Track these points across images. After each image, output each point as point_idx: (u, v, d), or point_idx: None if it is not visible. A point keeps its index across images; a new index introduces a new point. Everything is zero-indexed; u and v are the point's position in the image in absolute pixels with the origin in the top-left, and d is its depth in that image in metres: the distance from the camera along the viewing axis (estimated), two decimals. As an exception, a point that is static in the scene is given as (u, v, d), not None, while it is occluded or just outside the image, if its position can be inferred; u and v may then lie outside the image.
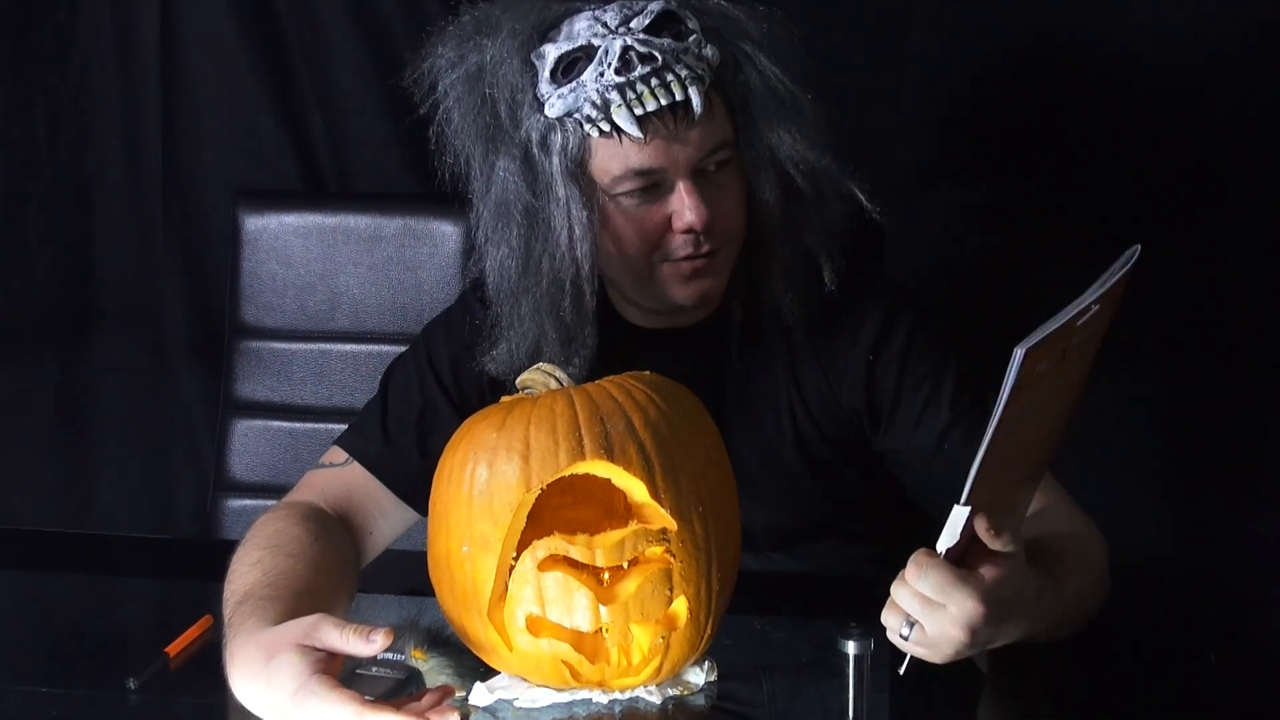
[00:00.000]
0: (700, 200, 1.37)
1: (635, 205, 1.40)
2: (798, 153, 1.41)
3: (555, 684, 1.24)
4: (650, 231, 1.40)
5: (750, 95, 1.40)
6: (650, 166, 1.37)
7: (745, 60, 1.39)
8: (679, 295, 1.44)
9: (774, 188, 1.42)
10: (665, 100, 1.34)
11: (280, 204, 2.11)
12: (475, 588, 1.22)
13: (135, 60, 2.25)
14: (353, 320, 2.08)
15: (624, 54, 1.35)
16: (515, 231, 1.40)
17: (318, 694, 1.11)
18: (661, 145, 1.36)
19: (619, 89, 1.34)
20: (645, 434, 1.22)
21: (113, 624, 1.49)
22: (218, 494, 2.10)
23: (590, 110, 1.35)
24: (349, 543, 1.43)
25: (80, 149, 2.28)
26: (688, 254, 1.40)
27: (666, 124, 1.35)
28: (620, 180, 1.38)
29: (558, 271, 1.39)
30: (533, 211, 1.39)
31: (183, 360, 2.32)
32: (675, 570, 1.21)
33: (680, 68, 1.35)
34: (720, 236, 1.41)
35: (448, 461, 1.27)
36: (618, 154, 1.37)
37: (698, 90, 1.35)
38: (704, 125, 1.37)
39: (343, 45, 2.19)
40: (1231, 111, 1.97)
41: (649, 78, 1.34)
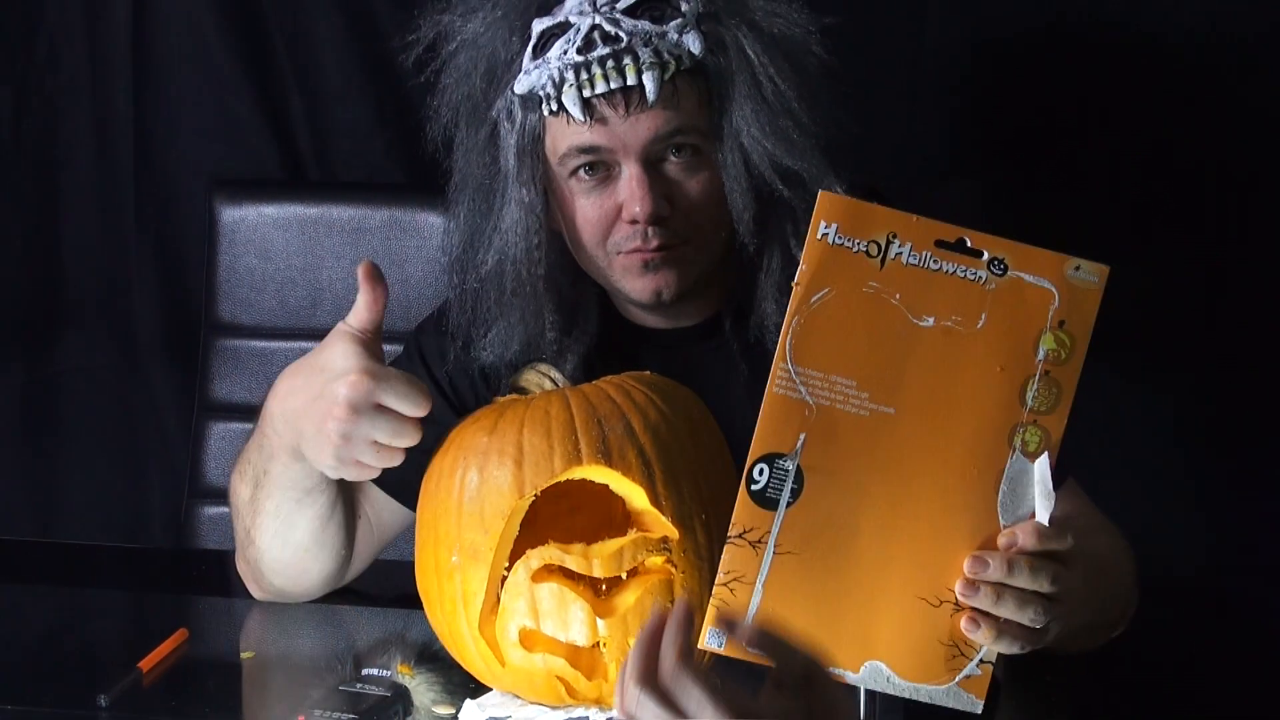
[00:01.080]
0: (648, 190, 1.39)
1: (587, 189, 1.42)
2: (776, 157, 1.40)
3: (550, 701, 1.25)
4: (601, 219, 1.42)
5: (731, 91, 1.40)
6: (592, 144, 1.39)
7: (737, 51, 1.40)
8: (633, 290, 1.45)
9: (747, 189, 1.41)
10: (616, 84, 1.36)
11: (259, 194, 2.11)
12: (465, 600, 1.23)
13: (105, 42, 2.25)
14: (335, 317, 2.02)
15: (589, 33, 1.37)
16: (466, 205, 1.46)
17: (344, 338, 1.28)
18: (607, 127, 1.38)
19: (575, 68, 1.37)
20: (645, 437, 1.23)
21: (82, 638, 1.49)
22: (193, 501, 2.10)
23: (550, 89, 1.38)
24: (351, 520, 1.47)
25: (47, 136, 2.28)
26: (635, 246, 1.41)
27: (615, 108, 1.37)
28: (566, 159, 1.41)
29: (501, 249, 1.43)
30: (488, 185, 1.44)
31: (155, 359, 2.32)
32: (677, 581, 1.21)
33: (645, 51, 1.36)
34: (676, 232, 1.42)
35: (436, 466, 1.28)
36: (565, 132, 1.40)
37: (653, 76, 1.36)
38: (658, 112, 1.38)
39: (325, 26, 2.19)
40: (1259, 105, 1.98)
41: (606, 59, 1.36)
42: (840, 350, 1.08)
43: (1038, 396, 1.09)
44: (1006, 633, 1.10)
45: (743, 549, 1.09)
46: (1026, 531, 1.09)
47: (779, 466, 1.08)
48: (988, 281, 1.08)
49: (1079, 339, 1.09)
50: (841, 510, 1.09)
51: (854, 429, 1.08)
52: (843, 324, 1.08)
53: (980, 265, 1.08)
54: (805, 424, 1.08)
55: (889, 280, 1.08)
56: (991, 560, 1.09)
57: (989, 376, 1.09)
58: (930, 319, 1.08)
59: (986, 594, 1.09)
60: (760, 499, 1.08)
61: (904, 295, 1.08)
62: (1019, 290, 1.08)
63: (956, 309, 1.08)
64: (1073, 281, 1.09)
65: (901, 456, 1.09)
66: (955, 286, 1.08)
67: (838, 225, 1.07)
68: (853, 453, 1.09)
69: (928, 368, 1.08)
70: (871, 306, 1.08)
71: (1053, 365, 1.09)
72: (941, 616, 1.10)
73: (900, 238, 1.08)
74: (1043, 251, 1.09)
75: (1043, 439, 1.09)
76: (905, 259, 1.08)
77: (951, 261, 1.08)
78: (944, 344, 1.08)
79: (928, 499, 1.09)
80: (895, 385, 1.08)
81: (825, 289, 1.08)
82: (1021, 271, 1.09)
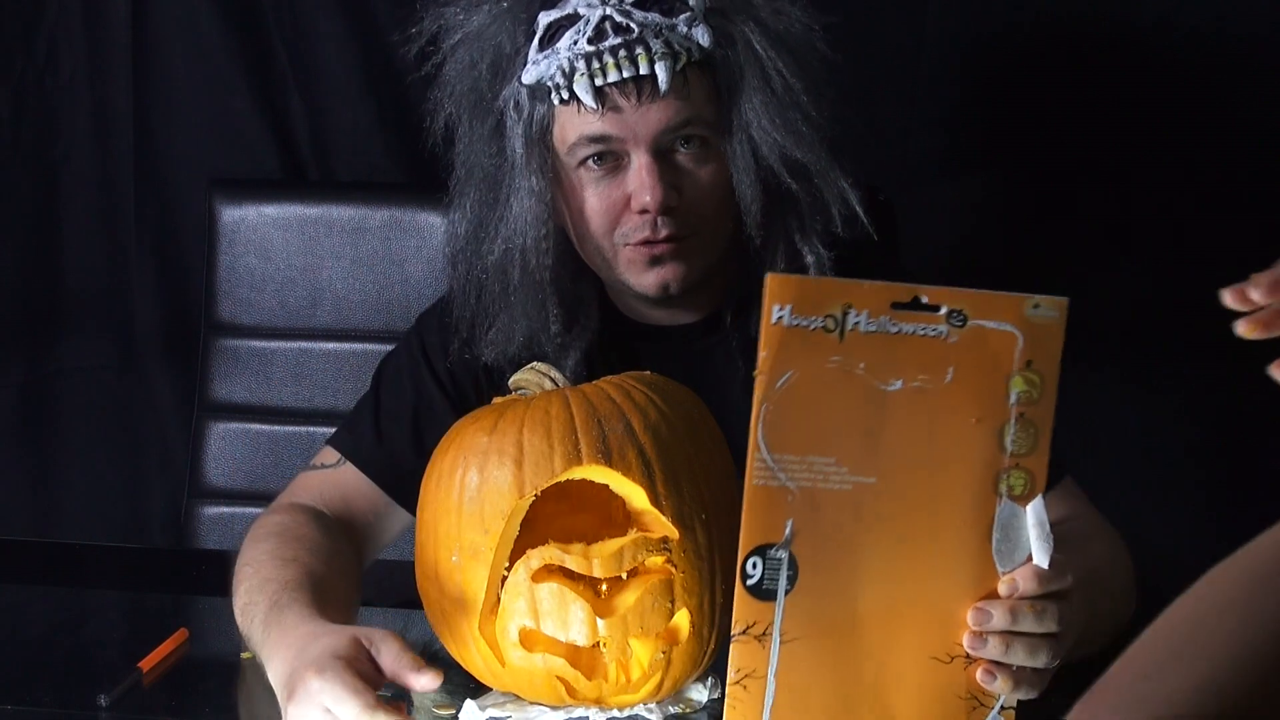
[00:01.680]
0: (658, 180, 1.39)
1: (595, 179, 1.42)
2: (786, 149, 1.41)
3: (550, 701, 1.25)
4: (609, 208, 1.42)
5: (740, 83, 1.41)
6: (603, 133, 1.39)
7: (745, 46, 1.40)
8: (639, 283, 1.45)
9: (755, 181, 1.42)
10: (628, 73, 1.37)
11: (259, 193, 2.11)
12: (465, 600, 1.23)
13: (105, 39, 2.25)
14: (335, 317, 2.08)
15: (600, 24, 1.38)
16: (472, 195, 1.45)
17: (338, 672, 1.10)
18: (619, 116, 1.38)
19: (586, 58, 1.37)
20: (645, 437, 1.23)
21: (82, 638, 1.49)
22: (192, 501, 2.11)
23: (560, 78, 1.38)
24: (353, 549, 1.45)
25: (46, 134, 2.29)
26: (644, 238, 1.42)
27: (627, 97, 1.38)
28: (575, 148, 1.41)
29: (508, 239, 1.43)
30: (495, 175, 1.44)
31: (155, 359, 2.32)
32: (677, 581, 1.22)
33: (656, 42, 1.37)
34: (685, 223, 1.42)
35: (436, 466, 1.28)
36: (575, 121, 1.40)
37: (665, 66, 1.37)
38: (670, 102, 1.38)
39: (325, 24, 2.20)
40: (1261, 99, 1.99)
41: (618, 49, 1.37)
42: (813, 430, 1.07)
43: (1016, 440, 1.08)
44: (1023, 680, 1.10)
45: (749, 644, 1.08)
46: (1026, 576, 1.09)
47: (771, 557, 1.07)
48: (949, 335, 1.06)
49: (1048, 376, 1.08)
50: (840, 587, 1.08)
51: (839, 505, 1.07)
52: (811, 404, 1.06)
53: (939, 320, 1.06)
54: (790, 510, 1.07)
55: (851, 351, 1.06)
56: (994, 610, 1.09)
57: (965, 429, 1.07)
58: (898, 382, 1.07)
59: (995, 644, 1.09)
60: (758, 592, 1.07)
61: (868, 364, 1.06)
62: (982, 338, 1.06)
63: (922, 368, 1.06)
64: (1033, 320, 1.07)
65: (891, 523, 1.08)
66: (918, 345, 1.06)
67: (791, 306, 1.05)
68: (842, 529, 1.08)
69: (902, 431, 1.07)
70: (837, 381, 1.06)
71: (1026, 406, 1.07)
72: (956, 671, 1.10)
73: (856, 306, 1.05)
74: (999, 295, 1.07)
75: (1028, 481, 1.08)
76: (863, 327, 1.06)
77: (910, 321, 1.06)
78: (915, 404, 1.07)
79: (923, 559, 1.09)
80: (873, 454, 1.07)
81: (789, 372, 1.06)
82: (981, 319, 1.06)
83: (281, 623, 1.22)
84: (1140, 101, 2.01)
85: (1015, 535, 1.09)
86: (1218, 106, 2.00)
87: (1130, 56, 2.00)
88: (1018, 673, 1.10)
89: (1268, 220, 2.02)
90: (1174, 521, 2.03)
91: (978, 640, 1.09)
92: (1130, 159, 2.03)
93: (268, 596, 1.27)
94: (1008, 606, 1.08)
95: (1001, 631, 1.09)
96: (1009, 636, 1.09)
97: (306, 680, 1.10)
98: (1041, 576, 1.09)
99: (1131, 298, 2.05)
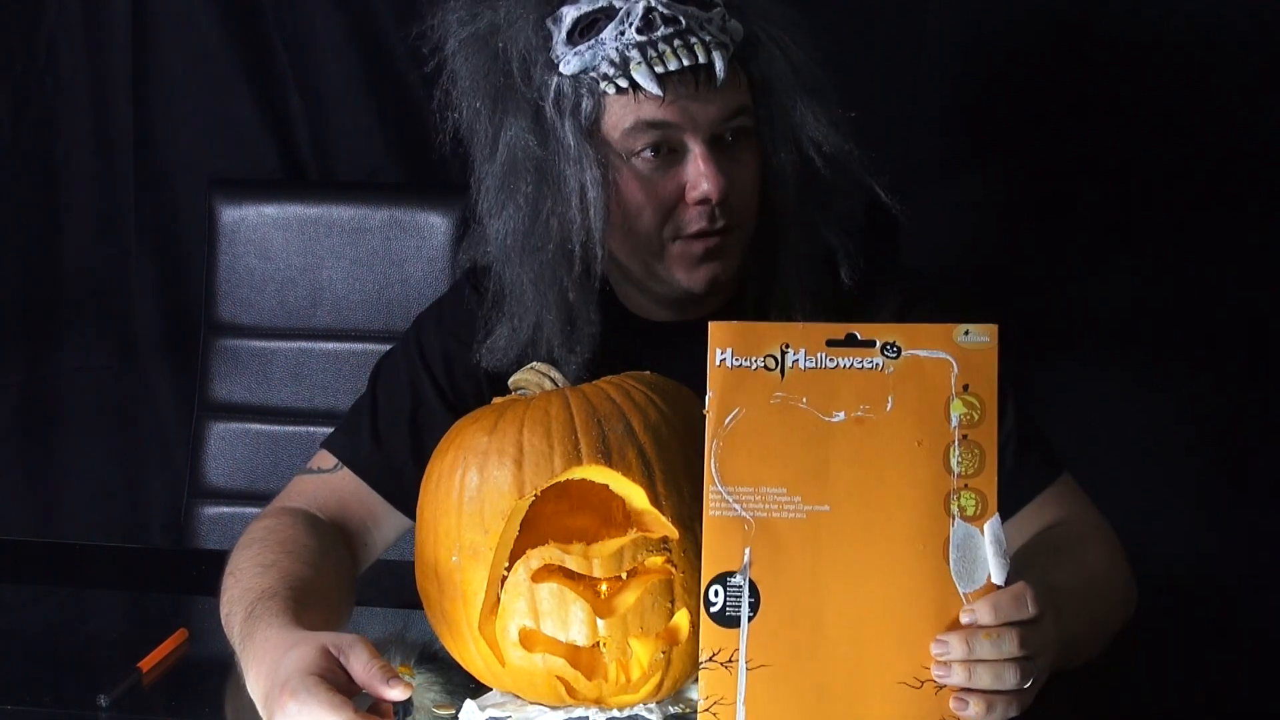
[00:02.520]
0: (717, 169, 1.39)
1: (649, 169, 1.40)
2: (820, 134, 1.42)
3: (550, 701, 1.25)
4: (664, 199, 1.41)
5: (773, 73, 1.42)
6: (664, 119, 1.38)
7: (769, 40, 1.42)
8: (687, 280, 1.44)
9: (792, 169, 1.43)
10: (688, 61, 1.37)
11: (258, 193, 2.12)
12: (465, 600, 1.23)
13: (105, 39, 2.26)
14: (335, 317, 2.09)
15: (647, 14, 1.37)
16: (524, 189, 1.42)
17: (312, 691, 1.10)
18: (679, 104, 1.38)
19: (639, 47, 1.36)
20: (645, 437, 1.23)
21: (82, 638, 1.50)
22: (192, 501, 2.11)
23: (608, 68, 1.37)
24: (348, 554, 1.45)
25: (47, 134, 2.29)
26: (700, 228, 1.41)
27: (687, 85, 1.37)
28: (632, 134, 1.39)
29: (566, 234, 1.40)
30: (544, 168, 1.40)
31: (155, 359, 2.33)
32: (677, 581, 1.22)
33: (704, 33, 1.38)
34: (734, 213, 1.42)
35: (436, 466, 1.28)
36: (631, 107, 1.38)
37: (721, 55, 1.37)
38: (725, 91, 1.39)
39: (324, 24, 2.20)
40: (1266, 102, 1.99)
41: (671, 38, 1.37)
42: (763, 462, 1.13)
43: (962, 461, 1.12)
44: (997, 702, 1.11)
45: (715, 671, 1.12)
46: (983, 609, 1.10)
47: (732, 585, 1.12)
48: (885, 366, 1.13)
49: (986, 399, 1.13)
50: (802, 613, 1.12)
51: (794, 533, 1.12)
52: (760, 437, 1.13)
53: (874, 353, 1.13)
54: (746, 538, 1.12)
55: (793, 387, 1.13)
56: (951, 639, 1.10)
57: (910, 454, 1.12)
58: (840, 413, 1.13)
59: (959, 671, 1.10)
60: (721, 619, 1.12)
61: (810, 397, 1.13)
62: (918, 367, 1.13)
63: (863, 398, 1.13)
64: (965, 346, 1.13)
65: (847, 549, 1.12)
66: (856, 378, 1.13)
67: (732, 349, 1.14)
68: (799, 555, 1.12)
69: (850, 459, 1.12)
70: (783, 415, 1.13)
71: (969, 429, 1.12)
72: (926, 697, 1.12)
73: (793, 346, 1.13)
74: (930, 326, 1.13)
75: (979, 501, 1.12)
76: (803, 364, 1.13)
77: (846, 356, 1.13)
78: (859, 433, 1.13)
79: (881, 583, 1.12)
80: (823, 483, 1.12)
81: (736, 409, 1.13)
82: (915, 349, 1.13)
83: (254, 635, 1.21)
84: (1140, 101, 2.01)
85: (972, 555, 1.12)
86: (1218, 106, 2.00)
87: (1130, 56, 2.01)
88: (990, 696, 1.11)
89: (1268, 220, 2.02)
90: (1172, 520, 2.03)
91: (943, 668, 1.11)
92: (1130, 159, 2.03)
93: (244, 608, 1.26)
94: (963, 636, 1.10)
95: (965, 660, 1.10)
96: (970, 664, 1.10)
97: (284, 705, 1.10)
98: (998, 607, 1.10)
99: (1131, 298, 2.05)
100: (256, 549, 1.35)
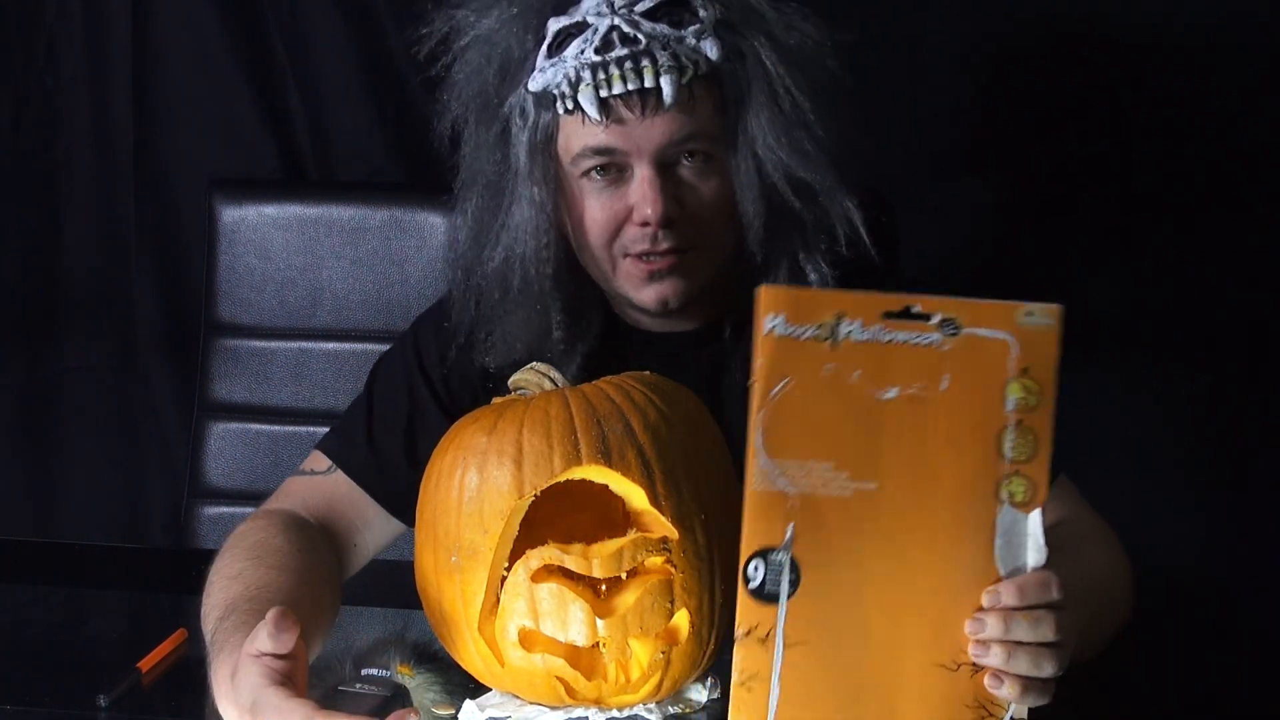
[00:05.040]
0: (660, 193, 1.39)
1: (598, 189, 1.41)
2: (790, 165, 1.41)
3: (549, 702, 1.25)
4: (610, 218, 1.42)
5: (748, 98, 1.40)
6: (607, 145, 1.39)
7: (754, 62, 1.40)
8: (638, 296, 1.45)
9: (758, 197, 1.42)
10: (633, 85, 1.36)
11: (259, 193, 2.11)
12: (465, 600, 1.23)
13: (105, 39, 2.26)
14: (335, 317, 2.09)
15: (607, 34, 1.37)
16: (475, 202, 1.45)
17: (271, 704, 1.10)
18: (622, 129, 1.38)
19: (592, 68, 1.37)
20: (645, 437, 1.23)
21: (82, 638, 1.50)
22: (192, 501, 2.11)
23: (565, 87, 1.38)
24: (332, 555, 1.44)
25: (47, 134, 2.29)
26: (644, 250, 1.41)
27: (632, 109, 1.37)
28: (579, 159, 1.40)
29: (509, 247, 1.43)
30: (495, 185, 1.43)
31: (155, 359, 2.33)
32: (676, 581, 1.22)
33: (663, 55, 1.36)
34: (686, 236, 1.41)
35: (435, 466, 1.28)
36: (579, 131, 1.39)
37: (671, 79, 1.36)
38: (674, 115, 1.38)
39: (325, 26, 2.20)
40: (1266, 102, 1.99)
41: (624, 60, 1.36)
42: (811, 436, 1.08)
43: (1015, 447, 1.08)
44: (1031, 689, 1.10)
45: (752, 647, 1.08)
46: (1009, 589, 1.09)
47: (773, 561, 1.08)
48: (942, 343, 1.08)
49: (1045, 384, 1.08)
50: (843, 592, 1.09)
51: (840, 510, 1.08)
52: (808, 410, 1.08)
53: (932, 329, 1.07)
54: (790, 514, 1.08)
55: (845, 359, 1.07)
56: (987, 617, 1.09)
57: (962, 435, 1.08)
58: (893, 390, 1.08)
59: (998, 652, 1.09)
60: (760, 595, 1.08)
61: (863, 371, 1.07)
62: (975, 346, 1.07)
63: (917, 375, 1.08)
64: (1026, 328, 1.08)
65: (892, 527, 1.09)
66: (911, 354, 1.07)
67: (784, 316, 1.07)
68: (843, 533, 1.08)
69: (900, 438, 1.08)
70: (833, 388, 1.07)
71: (1024, 413, 1.08)
72: (962, 680, 1.10)
73: (848, 316, 1.07)
74: (992, 303, 1.08)
75: (1029, 488, 1.09)
76: (856, 336, 1.07)
77: (903, 330, 1.07)
78: (911, 412, 1.08)
79: (925, 565, 1.09)
80: (872, 460, 1.08)
81: (784, 379, 1.07)
82: (974, 328, 1.08)
83: (214, 662, 1.20)
84: (1140, 101, 2.01)
85: (1018, 542, 1.09)
86: (1218, 106, 2.00)
87: (1130, 56, 2.01)
88: (1026, 682, 1.10)
89: (1267, 220, 2.02)
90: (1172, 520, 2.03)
91: (982, 647, 1.09)
92: (1130, 159, 2.03)
93: (210, 628, 1.26)
94: (1000, 615, 1.09)
95: (1003, 640, 1.09)
96: (1011, 645, 1.09)
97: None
98: (1024, 589, 1.09)
99: (1130, 298, 2.05)
100: (228, 558, 1.35)
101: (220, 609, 1.26)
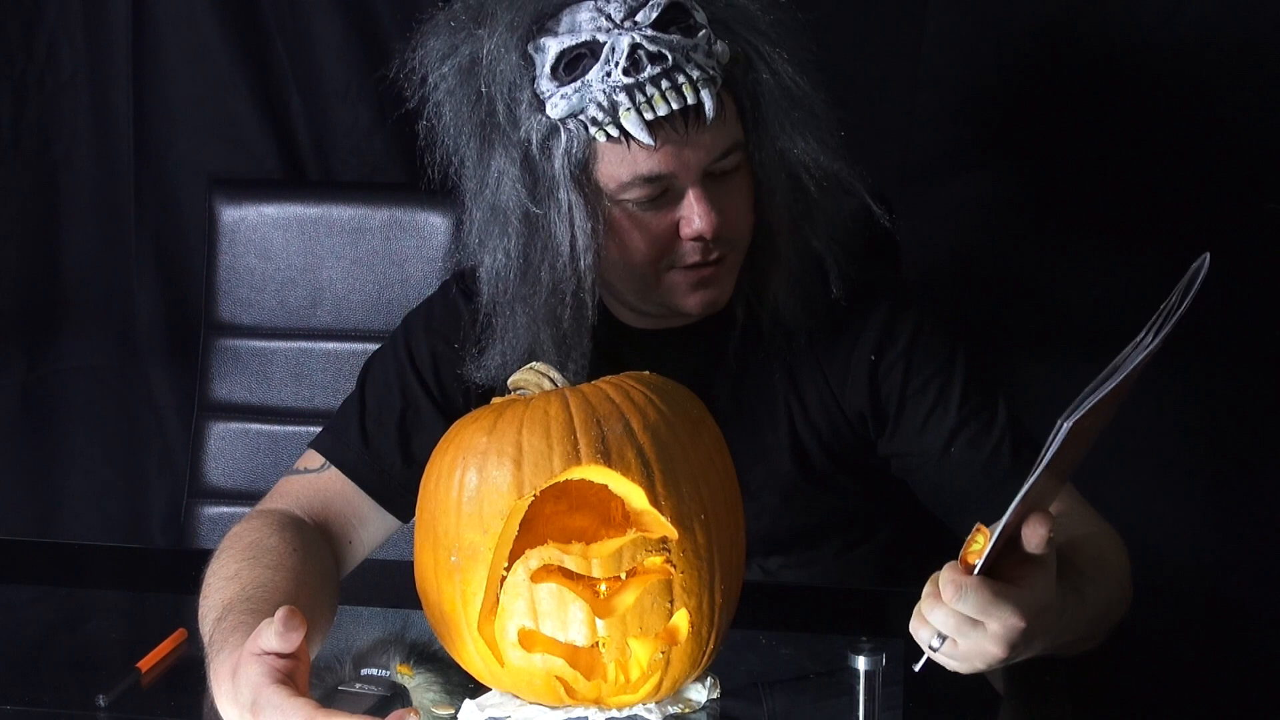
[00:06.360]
0: (710, 207, 1.38)
1: (643, 211, 1.40)
2: (809, 155, 1.41)
3: (549, 701, 1.25)
4: (658, 238, 1.41)
5: (761, 94, 1.40)
6: (660, 172, 1.37)
7: (756, 57, 1.40)
8: (685, 304, 1.45)
9: (783, 190, 1.42)
10: (677, 104, 1.34)
11: (258, 193, 2.12)
12: (464, 600, 1.23)
13: (105, 39, 2.26)
14: (335, 317, 2.09)
15: (632, 53, 1.34)
16: (513, 240, 1.40)
17: (273, 703, 1.10)
18: (672, 150, 1.36)
19: (627, 91, 1.34)
20: (644, 437, 1.23)
21: (81, 638, 1.50)
22: (192, 501, 2.11)
23: (597, 113, 1.34)
24: (328, 553, 1.44)
25: (47, 134, 2.29)
26: (696, 260, 1.41)
27: (678, 129, 1.35)
28: (628, 187, 1.38)
29: (558, 282, 1.39)
30: (533, 219, 1.39)
31: (155, 359, 2.33)
32: (676, 581, 1.22)
33: (691, 68, 1.35)
34: (728, 242, 1.42)
35: (435, 466, 1.28)
36: (626, 159, 1.36)
37: (710, 93, 1.35)
38: (715, 128, 1.37)
39: (324, 25, 2.20)
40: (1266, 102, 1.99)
41: (659, 79, 1.34)
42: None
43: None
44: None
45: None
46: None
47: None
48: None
49: None
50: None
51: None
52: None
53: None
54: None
55: None
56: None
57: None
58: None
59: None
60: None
61: None
62: None
63: None
64: None
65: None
66: None
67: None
68: None
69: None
70: None
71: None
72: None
73: None
74: None
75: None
76: None
77: None
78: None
79: None
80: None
81: None
82: None
83: (214, 663, 1.20)
84: (1140, 101, 2.01)
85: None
86: (1218, 107, 2.00)
87: (1130, 56, 2.01)
88: None
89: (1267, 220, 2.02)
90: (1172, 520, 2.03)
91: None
92: (1130, 159, 2.03)
93: (207, 631, 1.26)
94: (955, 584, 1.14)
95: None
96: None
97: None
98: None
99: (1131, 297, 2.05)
100: (224, 559, 1.35)
101: (218, 609, 1.26)
